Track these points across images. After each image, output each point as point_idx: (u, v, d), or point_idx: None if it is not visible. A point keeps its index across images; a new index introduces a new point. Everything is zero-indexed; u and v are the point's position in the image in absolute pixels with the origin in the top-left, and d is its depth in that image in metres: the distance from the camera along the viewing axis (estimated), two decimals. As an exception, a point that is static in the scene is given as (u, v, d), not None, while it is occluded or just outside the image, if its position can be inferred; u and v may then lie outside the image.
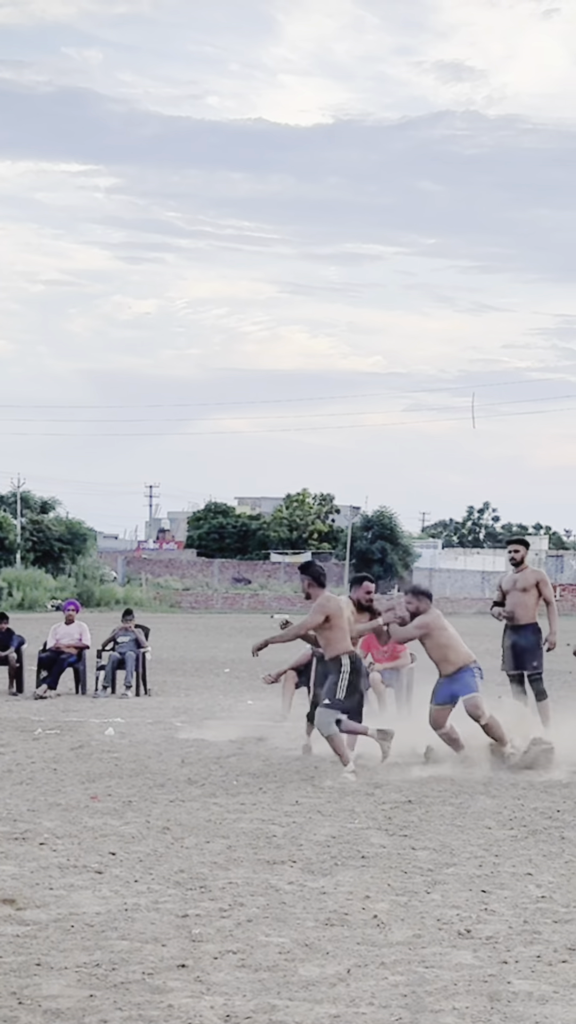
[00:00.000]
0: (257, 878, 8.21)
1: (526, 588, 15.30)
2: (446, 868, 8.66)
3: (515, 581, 15.41)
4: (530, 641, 15.31)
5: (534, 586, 15.31)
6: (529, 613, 15.35)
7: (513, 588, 15.39)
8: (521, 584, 15.33)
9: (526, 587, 15.31)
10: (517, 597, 15.33)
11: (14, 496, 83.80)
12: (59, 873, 8.22)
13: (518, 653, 15.30)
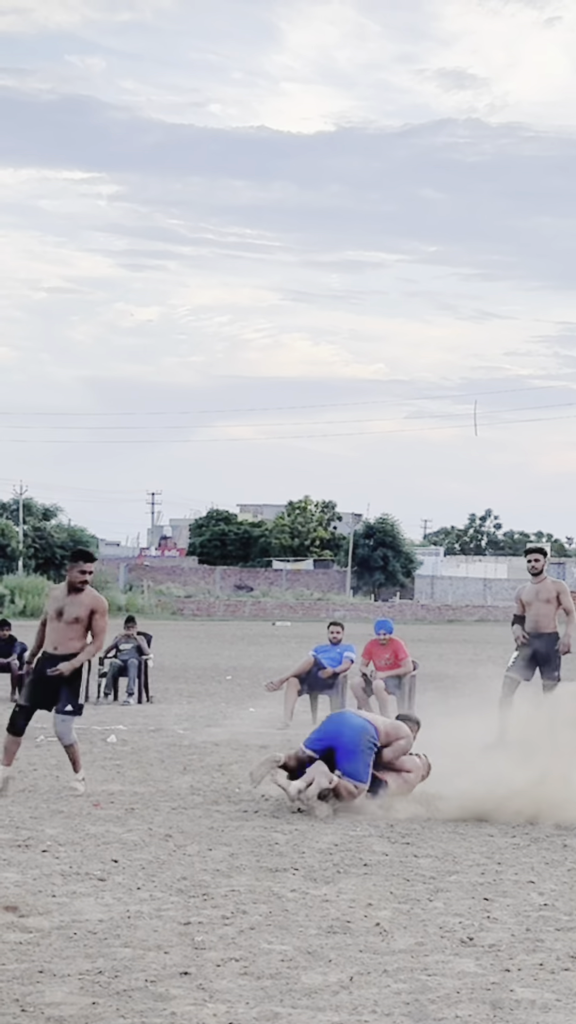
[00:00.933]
0: (260, 886, 8.21)
1: (549, 599, 15.33)
2: (448, 876, 8.67)
3: (537, 592, 15.39)
4: (551, 650, 15.30)
5: (555, 597, 15.32)
6: (552, 623, 15.38)
7: (536, 599, 15.38)
8: (544, 595, 15.33)
9: (549, 598, 15.32)
10: (541, 608, 15.33)
11: (16, 503, 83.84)
12: (62, 880, 8.22)
13: (540, 661, 15.26)
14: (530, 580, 15.61)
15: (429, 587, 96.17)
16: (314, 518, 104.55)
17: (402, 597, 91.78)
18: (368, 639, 18.81)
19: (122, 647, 21.40)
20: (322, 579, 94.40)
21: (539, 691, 15.14)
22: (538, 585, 15.42)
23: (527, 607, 15.47)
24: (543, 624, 15.31)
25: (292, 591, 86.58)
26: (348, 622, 24.52)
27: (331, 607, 76.84)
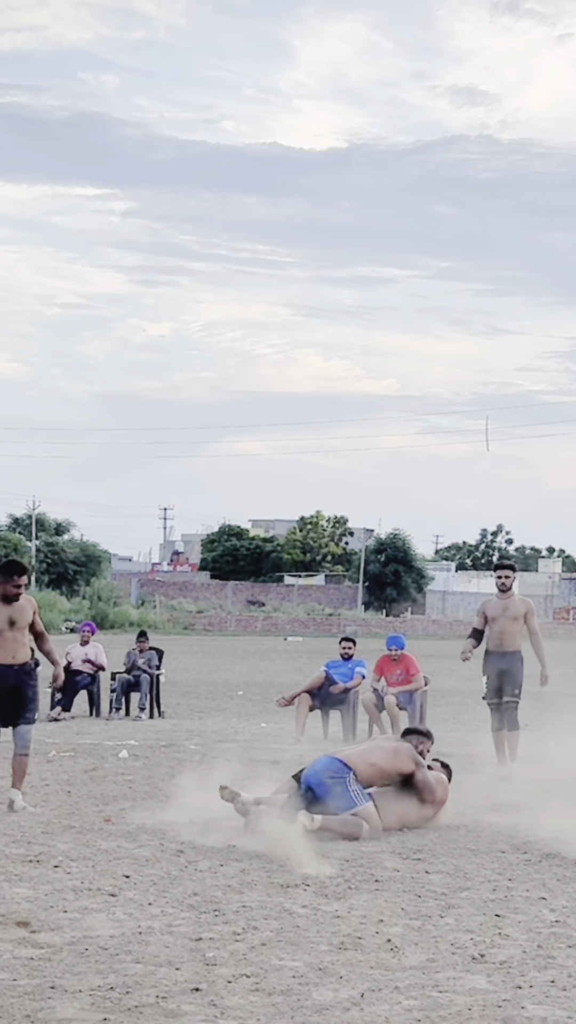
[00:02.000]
0: (271, 901, 8.21)
1: (516, 617, 15.10)
2: (460, 892, 8.66)
3: (504, 608, 15.14)
4: (515, 668, 15.12)
5: (523, 615, 15.11)
6: (516, 641, 15.16)
7: (503, 615, 15.11)
8: (511, 613, 15.09)
9: (516, 616, 15.10)
10: (506, 624, 15.09)
11: (29, 518, 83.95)
12: (73, 896, 8.23)
13: (502, 680, 15.11)
14: (496, 595, 15.33)
15: (440, 602, 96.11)
16: (326, 533, 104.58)
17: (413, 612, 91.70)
18: (380, 654, 18.81)
19: (139, 663, 21.39)
20: (333, 594, 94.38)
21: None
22: (506, 601, 15.17)
23: (491, 622, 15.21)
24: (508, 642, 15.10)
25: (304, 606, 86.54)
26: (359, 637, 24.54)
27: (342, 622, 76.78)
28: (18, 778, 11.64)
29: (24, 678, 11.67)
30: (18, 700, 11.63)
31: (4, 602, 11.61)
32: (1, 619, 11.59)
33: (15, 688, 11.60)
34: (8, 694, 11.60)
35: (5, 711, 11.66)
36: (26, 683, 11.69)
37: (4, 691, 11.59)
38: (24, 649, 11.70)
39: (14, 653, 11.62)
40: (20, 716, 11.65)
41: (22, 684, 11.65)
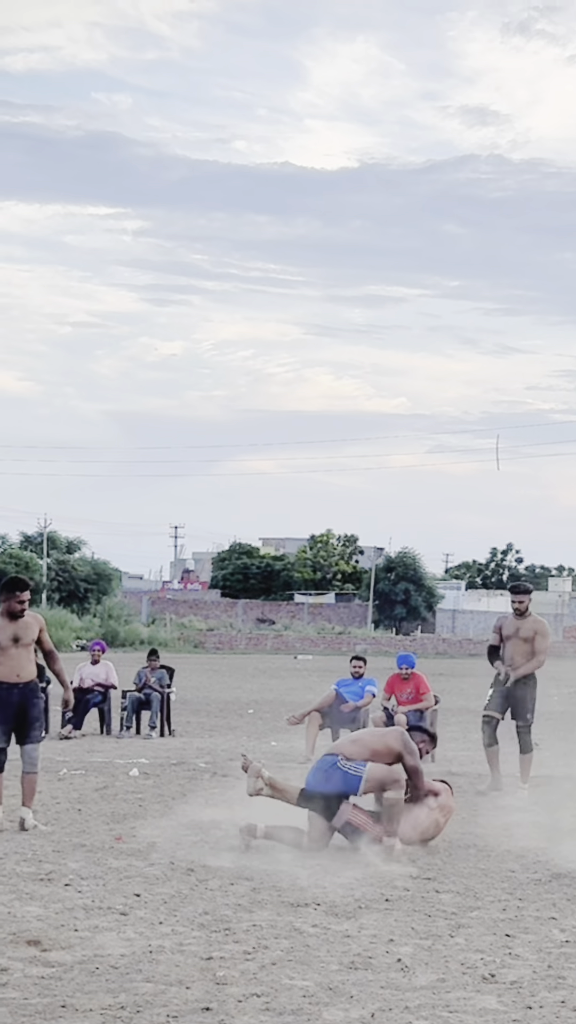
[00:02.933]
0: (281, 920, 8.22)
1: (527, 638, 14.98)
2: (470, 912, 8.66)
3: (518, 628, 15.03)
4: (525, 691, 15.04)
5: (533, 636, 14.99)
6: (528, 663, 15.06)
7: (515, 636, 15.00)
8: (524, 633, 14.98)
9: (528, 637, 14.98)
10: (519, 646, 15.01)
11: (40, 536, 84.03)
12: (84, 914, 8.24)
13: (513, 703, 15.01)
14: (511, 615, 15.28)
15: (450, 621, 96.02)
16: (336, 552, 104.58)
17: (423, 631, 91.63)
18: (389, 673, 18.81)
19: (152, 682, 21.40)
20: (344, 613, 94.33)
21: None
22: (520, 622, 15.08)
23: (505, 641, 15.11)
24: (520, 663, 15.00)
25: (314, 624, 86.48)
26: (369, 656, 24.54)
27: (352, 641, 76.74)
28: (28, 796, 11.65)
29: (30, 696, 11.66)
30: (25, 718, 11.62)
31: (9, 619, 11.60)
32: (5, 636, 11.57)
33: (21, 706, 11.59)
34: (14, 712, 11.60)
35: (12, 729, 11.67)
36: (32, 701, 11.68)
37: (10, 709, 11.58)
38: (30, 667, 11.69)
39: (19, 671, 11.61)
40: (27, 735, 11.65)
41: (28, 702, 11.64)
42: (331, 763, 10.95)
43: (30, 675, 11.66)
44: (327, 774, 10.91)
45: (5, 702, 11.56)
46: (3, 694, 11.55)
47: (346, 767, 10.83)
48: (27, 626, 11.65)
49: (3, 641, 11.56)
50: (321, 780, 10.92)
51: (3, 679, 11.56)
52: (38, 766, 11.77)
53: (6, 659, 11.57)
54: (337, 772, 10.85)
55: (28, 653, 11.67)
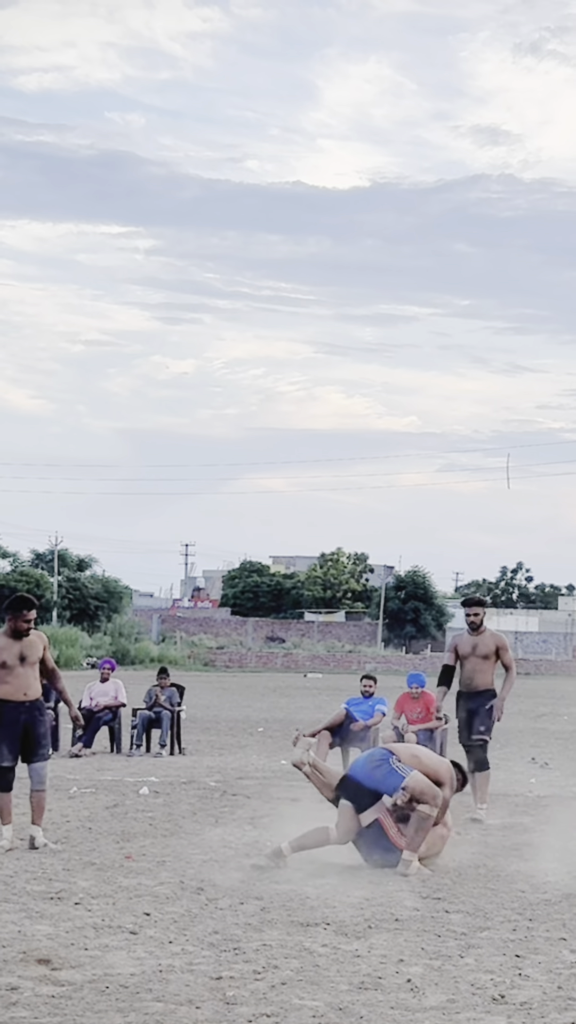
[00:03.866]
0: (291, 940, 8.22)
1: (487, 655, 14.32)
2: (480, 932, 8.65)
3: (475, 646, 14.34)
4: (481, 703, 14.34)
5: (494, 652, 14.36)
6: (487, 679, 14.41)
7: (473, 653, 14.34)
8: (482, 650, 14.31)
9: (487, 653, 14.32)
10: (477, 664, 14.34)
11: (52, 554, 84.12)
12: (94, 933, 8.25)
13: (470, 720, 14.38)
14: (467, 631, 14.61)
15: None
16: (346, 570, 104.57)
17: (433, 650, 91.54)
18: (399, 691, 18.81)
19: (162, 700, 21.41)
20: (354, 631, 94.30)
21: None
22: (476, 638, 14.40)
23: (462, 660, 14.44)
24: (478, 681, 14.36)
25: (324, 643, 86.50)
26: (379, 674, 24.52)
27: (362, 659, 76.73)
28: (37, 814, 11.65)
29: (36, 714, 11.66)
30: (31, 737, 11.61)
31: (14, 637, 11.61)
32: (11, 655, 11.58)
33: (27, 725, 11.59)
34: (21, 731, 11.61)
35: (19, 748, 11.67)
36: (38, 719, 11.68)
37: (16, 728, 11.58)
38: (35, 685, 11.70)
39: (25, 689, 11.62)
40: (34, 753, 11.65)
41: (34, 721, 11.64)
42: (384, 758, 11.01)
43: (36, 693, 11.67)
44: (377, 764, 10.95)
45: (11, 721, 11.56)
46: (9, 713, 11.56)
47: (396, 765, 10.87)
48: (32, 645, 11.67)
49: (9, 660, 11.57)
50: (369, 769, 10.96)
51: (9, 697, 11.57)
52: (46, 784, 11.78)
53: (12, 678, 11.58)
54: (386, 767, 10.89)
55: (34, 671, 11.70)
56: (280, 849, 10.79)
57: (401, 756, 11.05)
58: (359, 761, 11.25)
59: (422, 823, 10.73)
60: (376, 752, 11.25)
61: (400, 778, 10.82)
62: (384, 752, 11.15)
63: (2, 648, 11.59)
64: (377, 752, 11.23)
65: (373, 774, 10.92)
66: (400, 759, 10.99)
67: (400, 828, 10.83)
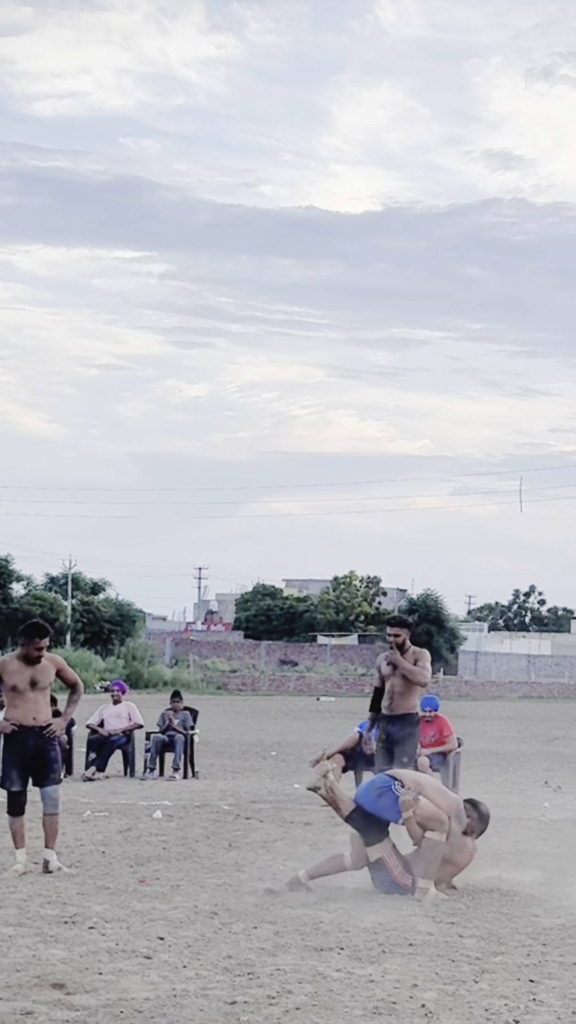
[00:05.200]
0: (305, 965, 8.22)
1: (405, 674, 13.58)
2: (494, 957, 8.65)
3: (395, 666, 13.67)
4: (406, 733, 13.56)
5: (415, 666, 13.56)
6: (408, 702, 13.65)
7: (393, 673, 13.63)
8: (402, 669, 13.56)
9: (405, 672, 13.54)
10: (396, 684, 13.62)
11: (65, 577, 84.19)
12: (108, 958, 8.25)
13: (391, 747, 13.59)
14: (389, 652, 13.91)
15: (473, 663, 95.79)
16: (359, 593, 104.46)
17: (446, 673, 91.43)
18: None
19: (175, 724, 21.41)
20: (366, 654, 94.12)
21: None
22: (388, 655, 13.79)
23: (386, 680, 13.77)
24: (398, 703, 13.64)
25: (336, 666, 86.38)
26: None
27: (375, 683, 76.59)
28: (51, 838, 11.67)
29: (46, 739, 11.68)
30: (42, 761, 11.64)
31: (26, 663, 11.65)
32: (23, 680, 11.61)
33: (38, 749, 11.63)
34: (32, 755, 11.64)
35: (30, 772, 11.69)
36: (49, 744, 11.71)
37: (28, 752, 11.61)
38: (46, 710, 11.74)
39: (35, 714, 11.65)
40: (46, 777, 11.68)
41: (45, 745, 11.67)
42: (386, 785, 10.98)
43: (46, 718, 11.70)
44: (379, 793, 10.93)
45: (21, 745, 11.61)
46: (19, 737, 11.62)
47: (399, 792, 10.85)
48: (45, 670, 11.69)
49: (20, 685, 11.61)
50: (372, 798, 10.94)
51: (20, 722, 11.61)
52: (59, 807, 11.79)
53: (23, 702, 11.63)
54: (389, 796, 10.87)
55: (44, 697, 11.74)
56: (298, 878, 10.81)
57: (404, 781, 11.05)
58: (363, 788, 11.24)
59: (432, 850, 10.73)
60: (378, 779, 11.22)
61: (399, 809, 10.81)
62: (386, 779, 11.12)
63: (14, 672, 11.63)
64: (379, 779, 11.21)
65: (378, 802, 10.90)
66: (403, 784, 10.98)
67: (404, 867, 10.82)
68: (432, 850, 10.71)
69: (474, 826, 11.29)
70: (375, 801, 10.90)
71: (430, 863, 10.71)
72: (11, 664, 11.69)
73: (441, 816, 10.82)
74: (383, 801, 10.87)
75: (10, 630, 73.92)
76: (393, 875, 10.79)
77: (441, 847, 10.75)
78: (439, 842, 10.72)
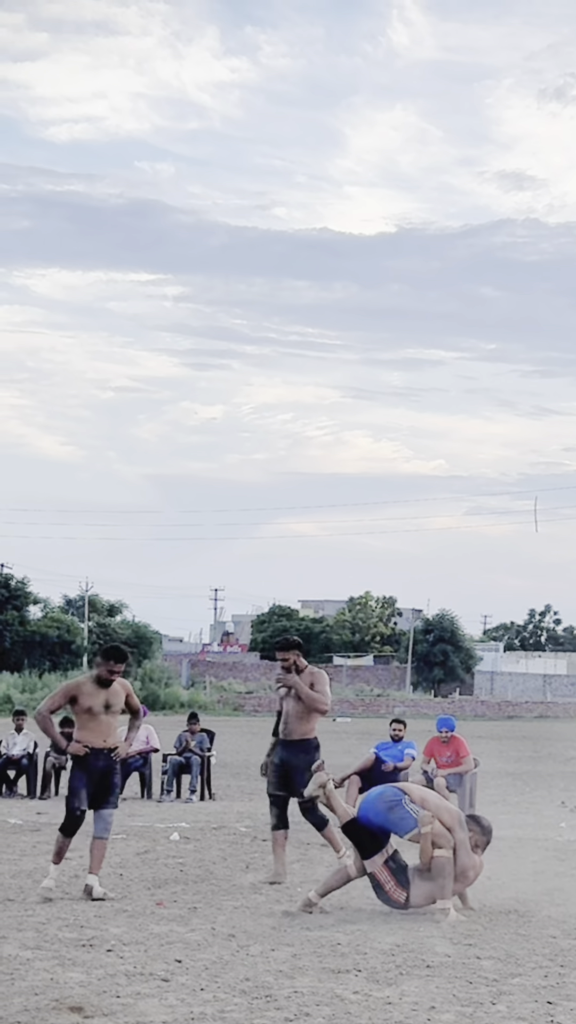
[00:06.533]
0: (322, 987, 8.22)
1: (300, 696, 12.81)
2: (511, 978, 8.64)
3: (289, 688, 12.89)
4: (302, 761, 12.62)
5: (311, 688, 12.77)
6: (304, 727, 12.84)
7: (288, 695, 12.89)
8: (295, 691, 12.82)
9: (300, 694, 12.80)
10: (291, 707, 12.84)
11: (82, 600, 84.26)
12: (126, 980, 8.26)
13: (286, 774, 12.79)
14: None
15: (489, 683, 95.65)
16: (374, 614, 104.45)
17: (462, 693, 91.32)
18: (428, 735, 18.81)
19: (192, 746, 21.42)
20: (382, 675, 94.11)
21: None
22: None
23: (283, 703, 13.06)
24: (293, 728, 12.84)
25: (352, 687, 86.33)
26: (408, 718, 24.48)
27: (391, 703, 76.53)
28: (97, 863, 11.61)
29: (113, 761, 11.72)
30: (107, 783, 11.69)
31: (100, 685, 11.68)
32: (98, 702, 11.64)
33: (105, 771, 11.67)
34: (99, 777, 11.66)
35: (93, 793, 11.69)
36: (115, 767, 11.76)
37: (95, 774, 11.63)
38: (115, 734, 11.78)
39: (106, 736, 11.69)
40: (106, 800, 11.70)
41: (111, 768, 11.71)
42: (397, 798, 10.98)
43: (116, 741, 11.74)
44: (390, 807, 10.92)
45: (91, 766, 11.63)
46: (90, 758, 11.63)
47: (410, 808, 10.86)
48: (116, 694, 11.73)
49: (96, 707, 11.65)
50: (382, 811, 10.93)
51: (91, 743, 11.64)
52: (109, 833, 11.82)
53: (95, 724, 11.67)
54: (401, 810, 10.88)
55: (115, 720, 11.80)
56: (309, 899, 10.82)
57: (413, 797, 11.05)
58: (370, 799, 11.17)
59: (443, 868, 10.73)
60: (388, 791, 11.20)
61: (415, 820, 10.84)
62: (396, 791, 11.13)
63: (88, 695, 11.66)
64: (388, 791, 11.19)
65: (388, 816, 10.91)
66: (412, 799, 10.99)
67: (396, 882, 10.82)
68: (444, 868, 10.72)
69: (478, 840, 11.30)
70: (385, 815, 10.91)
71: (444, 882, 10.71)
72: (86, 686, 11.73)
73: (448, 835, 10.85)
74: (394, 815, 10.88)
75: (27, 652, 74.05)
76: (385, 890, 10.81)
77: (451, 864, 10.76)
78: (449, 858, 10.73)
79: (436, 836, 10.79)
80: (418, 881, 10.86)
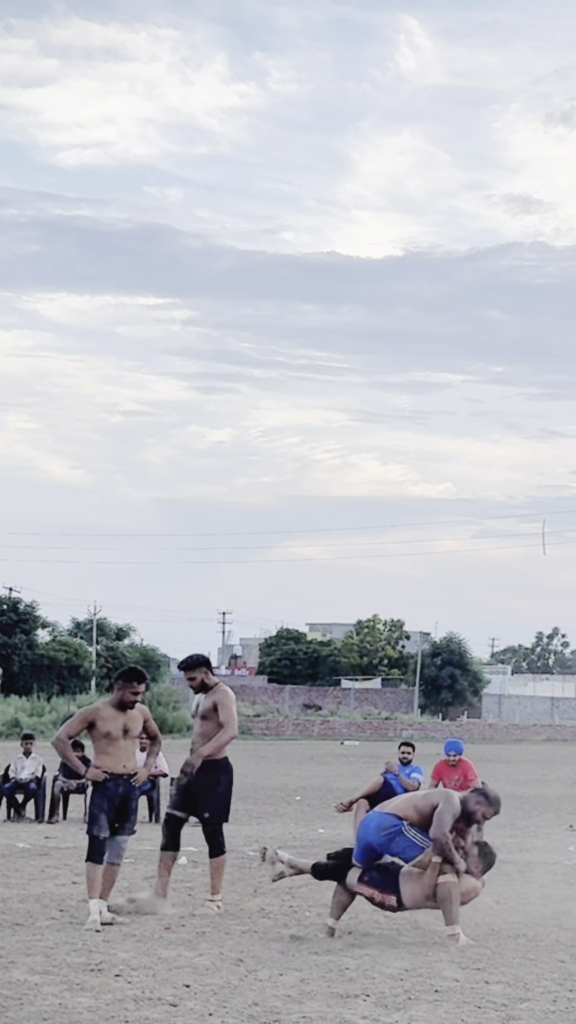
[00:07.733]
0: (331, 1012, 8.21)
1: (207, 715, 12.32)
2: (520, 1003, 8.63)
3: (198, 705, 12.47)
4: (207, 782, 12.29)
5: (213, 711, 12.30)
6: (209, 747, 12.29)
7: (195, 714, 12.50)
8: (202, 709, 12.37)
9: (206, 714, 12.32)
10: (197, 726, 12.42)
11: (91, 623, 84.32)
12: (134, 1005, 8.25)
13: (190, 795, 12.36)
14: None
15: (496, 706, 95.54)
16: (382, 637, 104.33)
17: (469, 716, 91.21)
18: (436, 759, 18.78)
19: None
20: (390, 698, 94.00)
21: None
22: (198, 698, 12.54)
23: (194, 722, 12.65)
24: (199, 747, 12.35)
25: (360, 710, 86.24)
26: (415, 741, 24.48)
27: (399, 726, 76.45)
28: (107, 888, 11.57)
29: (132, 787, 11.68)
30: (125, 809, 11.64)
31: (120, 709, 11.65)
32: (117, 726, 11.59)
33: (125, 797, 11.63)
34: (119, 803, 11.59)
35: (111, 819, 11.59)
36: (133, 793, 11.72)
37: (115, 799, 11.55)
38: (134, 759, 11.76)
39: (125, 761, 11.64)
40: (123, 826, 11.64)
41: (130, 794, 11.66)
42: (396, 826, 10.94)
43: (135, 766, 11.71)
44: (390, 836, 10.91)
45: (112, 793, 11.55)
46: (109, 784, 11.56)
47: (410, 834, 10.85)
48: (135, 718, 11.72)
49: (114, 731, 11.60)
50: (383, 840, 10.92)
51: (110, 769, 11.58)
52: (123, 859, 11.80)
53: (115, 749, 11.61)
54: (403, 839, 10.88)
55: (134, 745, 11.78)
56: (331, 928, 10.88)
57: (410, 819, 10.99)
58: (370, 829, 11.11)
59: (450, 892, 10.72)
60: (386, 821, 11.08)
61: (419, 848, 10.83)
62: (394, 820, 11.04)
63: (108, 719, 11.62)
64: (385, 820, 11.08)
65: (391, 845, 10.89)
66: (411, 822, 10.96)
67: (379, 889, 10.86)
68: (451, 892, 10.71)
69: (486, 812, 11.33)
70: (387, 844, 10.90)
71: (452, 906, 10.70)
72: (105, 711, 11.69)
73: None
74: (397, 844, 10.87)
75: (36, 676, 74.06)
76: (375, 901, 10.87)
77: (457, 887, 10.75)
78: (455, 882, 10.72)
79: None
80: (407, 883, 10.86)
